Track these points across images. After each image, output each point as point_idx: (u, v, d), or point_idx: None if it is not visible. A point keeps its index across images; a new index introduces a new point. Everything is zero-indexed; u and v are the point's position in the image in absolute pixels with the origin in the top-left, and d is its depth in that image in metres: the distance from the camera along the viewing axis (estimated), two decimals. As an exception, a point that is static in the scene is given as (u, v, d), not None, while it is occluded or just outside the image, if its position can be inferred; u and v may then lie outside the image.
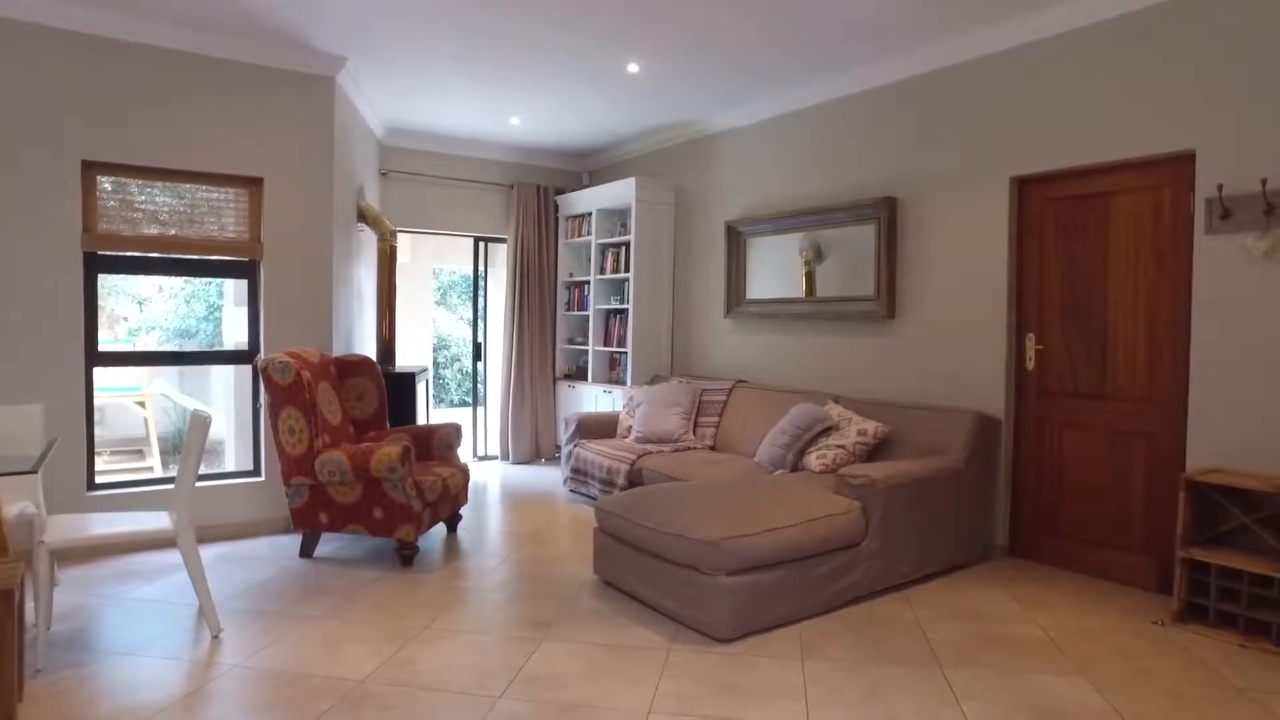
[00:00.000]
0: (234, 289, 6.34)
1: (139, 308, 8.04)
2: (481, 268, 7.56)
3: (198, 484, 3.92)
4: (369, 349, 6.22)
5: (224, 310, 7.72)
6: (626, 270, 6.60)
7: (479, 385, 7.77)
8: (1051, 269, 4.24)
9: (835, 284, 5.25)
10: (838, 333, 5.29)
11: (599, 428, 5.97)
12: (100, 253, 4.35)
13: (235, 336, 6.22)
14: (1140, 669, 2.97)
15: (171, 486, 4.05)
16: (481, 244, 7.48)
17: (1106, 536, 4.03)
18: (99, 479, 4.51)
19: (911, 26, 4.30)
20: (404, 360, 7.93)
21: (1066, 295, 4.18)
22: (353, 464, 4.03)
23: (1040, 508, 4.30)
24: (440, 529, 4.92)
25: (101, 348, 4.46)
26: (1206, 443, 3.59)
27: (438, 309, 11.98)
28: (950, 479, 4.01)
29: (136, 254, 4.51)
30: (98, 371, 4.45)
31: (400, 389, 5.53)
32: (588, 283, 7.09)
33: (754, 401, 5.45)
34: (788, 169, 5.65)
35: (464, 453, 5.77)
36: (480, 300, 7.64)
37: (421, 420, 6.19)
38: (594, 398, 6.92)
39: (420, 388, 6.08)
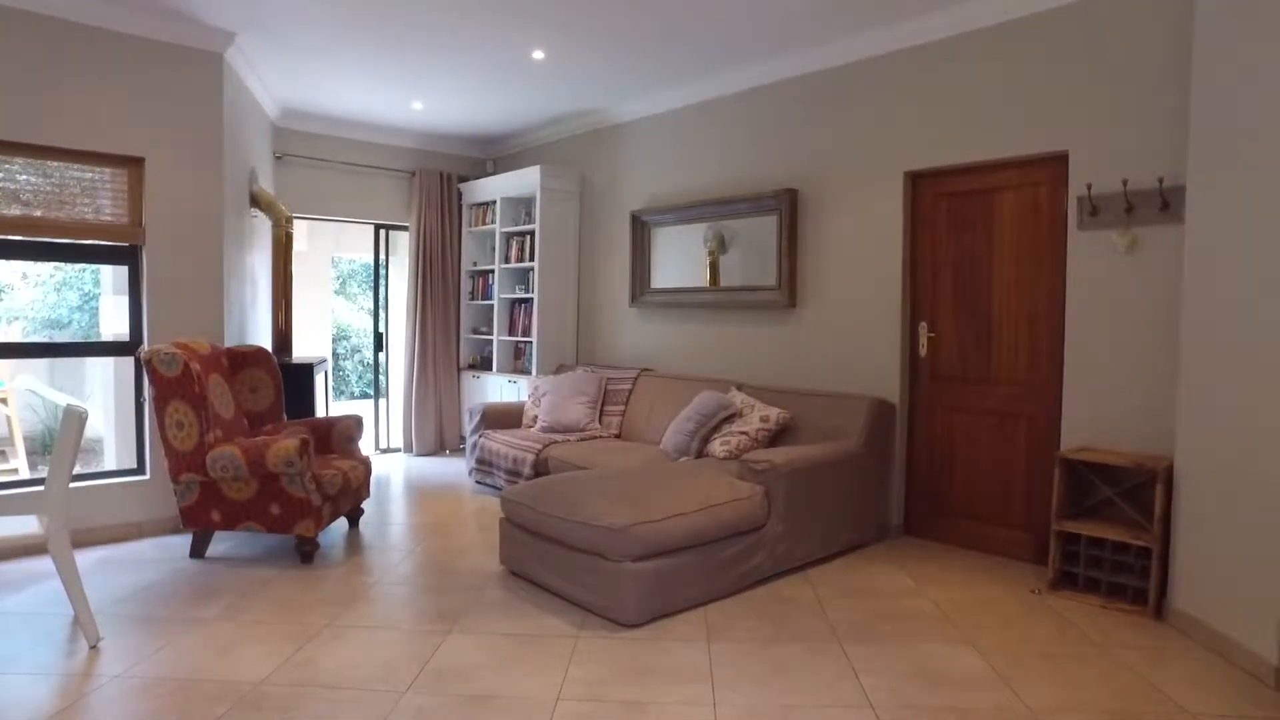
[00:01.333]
0: (113, 276, 5.94)
1: None
2: (383, 256, 7.35)
3: (74, 485, 3.68)
4: (264, 340, 5.96)
5: (101, 299, 7.23)
6: (531, 259, 6.55)
7: (381, 376, 7.56)
8: (943, 260, 4.45)
9: (738, 274, 5.36)
10: (741, 322, 5.41)
11: (504, 418, 5.91)
12: (-43, 236, 4.02)
13: (115, 327, 5.84)
14: (1020, 634, 3.18)
15: (41, 489, 3.79)
16: (382, 232, 7.28)
17: (992, 513, 4.28)
18: (-40, 481, 4.17)
19: (813, 24, 4.41)
20: (301, 351, 7.63)
21: (956, 286, 4.40)
22: (248, 459, 3.86)
23: (932, 488, 4.53)
24: (341, 524, 4.78)
25: (-40, 339, 4.12)
26: (1078, 423, 3.86)
27: (337, 298, 11.58)
28: (848, 463, 4.17)
29: (-1, 238, 4.18)
30: (-44, 365, 4.11)
31: (298, 381, 5.34)
32: (492, 272, 7.00)
33: (659, 390, 5.52)
34: (692, 160, 5.72)
35: (366, 445, 5.61)
36: (381, 289, 7.43)
37: (321, 413, 5.99)
38: (499, 388, 6.85)
39: (319, 379, 5.88)
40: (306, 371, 5.47)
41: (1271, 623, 2.75)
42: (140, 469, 4.61)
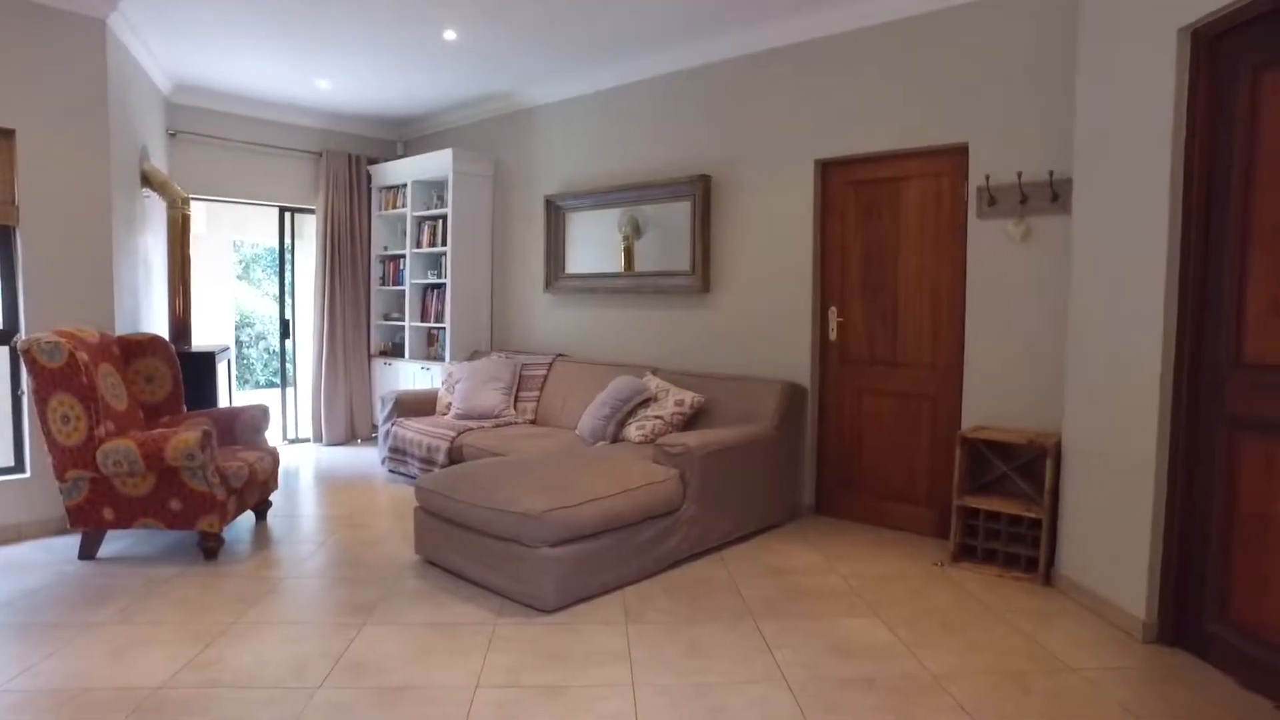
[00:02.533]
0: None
1: None
2: (288, 240, 7.07)
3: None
4: (160, 327, 5.66)
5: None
6: (444, 244, 6.42)
7: (288, 364, 7.29)
8: (851, 247, 4.59)
9: (653, 259, 5.39)
10: (656, 306, 5.45)
11: (418, 405, 5.80)
12: None
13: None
14: (923, 605, 3.33)
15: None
16: (288, 215, 6.99)
17: (898, 491, 4.45)
18: None
19: (721, 13, 4.45)
20: (202, 339, 7.27)
21: (864, 272, 4.54)
22: (144, 452, 3.67)
23: (842, 468, 4.68)
24: (248, 518, 4.61)
25: None
26: (978, 404, 4.05)
27: (240, 284, 11.09)
28: (761, 445, 4.27)
29: None
30: None
31: (198, 370, 5.10)
32: (403, 256, 6.83)
33: (575, 375, 5.51)
34: (607, 145, 5.70)
35: (273, 436, 5.39)
36: (287, 274, 7.15)
37: (224, 403, 5.74)
38: (412, 375, 6.71)
39: (221, 368, 5.63)
40: (207, 360, 5.23)
41: (1140, 582, 2.97)
42: (19, 467, 4.32)
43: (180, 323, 5.41)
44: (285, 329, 7.19)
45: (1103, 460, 3.24)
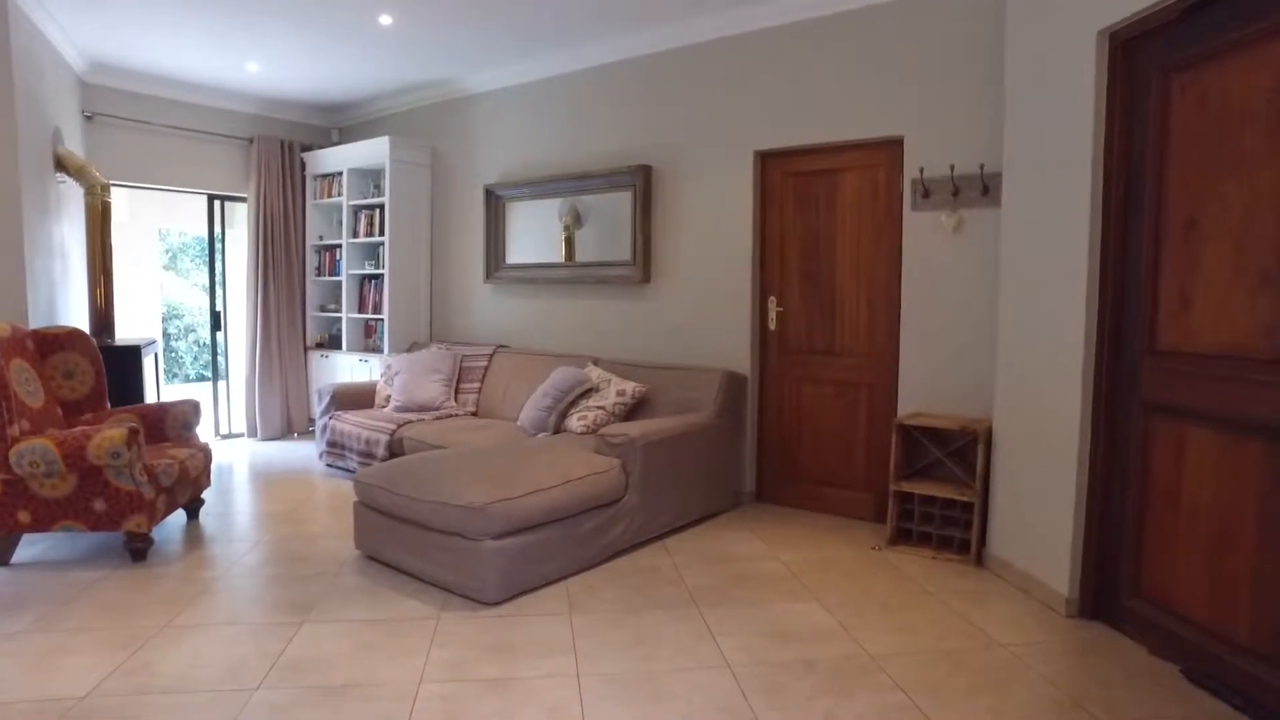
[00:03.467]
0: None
1: None
2: (218, 229, 6.84)
3: None
4: (81, 320, 5.42)
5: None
6: (382, 234, 6.30)
7: (219, 357, 7.07)
8: (790, 237, 4.65)
9: (594, 249, 5.38)
10: (597, 296, 5.44)
11: (356, 398, 5.69)
12: None
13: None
14: (862, 588, 3.42)
15: None
16: (218, 202, 6.76)
17: (836, 477, 4.55)
18: None
19: (660, 3, 4.45)
20: (126, 332, 6.99)
21: (803, 261, 4.61)
22: (63, 452, 3.52)
23: (782, 456, 4.76)
24: (179, 516, 4.46)
25: None
26: (913, 391, 4.17)
27: (167, 274, 10.68)
28: (703, 433, 4.31)
29: None
30: None
31: (122, 365, 4.91)
32: (340, 246, 6.67)
33: (516, 366, 5.48)
34: (547, 134, 5.66)
35: (205, 431, 5.20)
36: (218, 264, 6.92)
37: (151, 398, 5.53)
38: (349, 367, 6.58)
39: (148, 362, 5.42)
40: (132, 354, 5.04)
41: (1064, 560, 3.11)
42: (-68, 467, 4.10)
43: (102, 315, 5.19)
44: (216, 321, 6.96)
45: (1030, 445, 3.37)
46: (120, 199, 7.87)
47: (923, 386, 4.13)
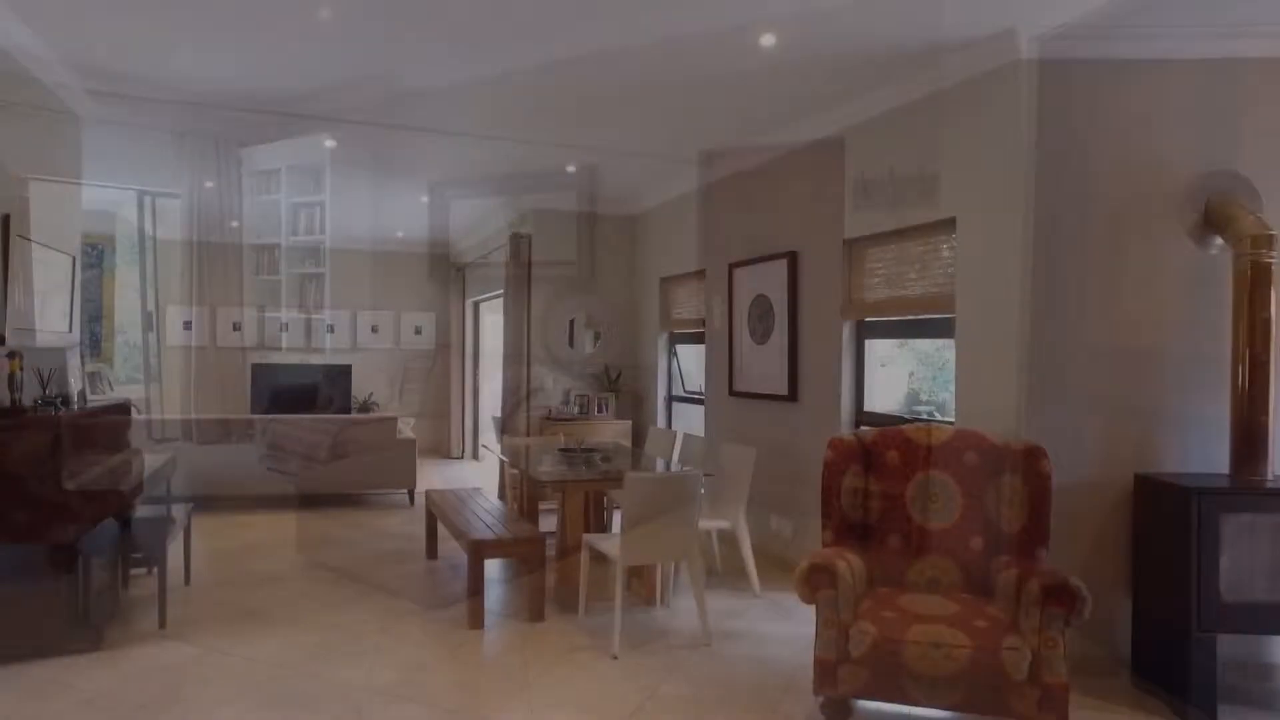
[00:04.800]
0: None
1: None
2: (148, 227, 6.61)
3: None
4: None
5: None
6: (323, 233, 6.17)
7: (152, 360, 6.83)
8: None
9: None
10: (537, 284, 5.38)
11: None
12: None
13: None
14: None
15: None
16: (147, 199, 6.54)
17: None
18: None
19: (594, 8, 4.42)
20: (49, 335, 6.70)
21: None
22: (-18, 461, 3.36)
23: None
24: (110, 526, 4.28)
25: None
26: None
27: (92, 273, 10.26)
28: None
29: None
30: None
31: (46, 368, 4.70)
32: (279, 245, 6.50)
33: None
34: (494, 132, 5.59)
35: (137, 437, 5.01)
36: (148, 264, 6.68)
37: (78, 404, 5.30)
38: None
39: (74, 364, 5.21)
40: (56, 357, 4.83)
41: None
42: None
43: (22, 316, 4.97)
44: (148, 322, 6.73)
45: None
46: (39, 194, 7.53)
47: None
